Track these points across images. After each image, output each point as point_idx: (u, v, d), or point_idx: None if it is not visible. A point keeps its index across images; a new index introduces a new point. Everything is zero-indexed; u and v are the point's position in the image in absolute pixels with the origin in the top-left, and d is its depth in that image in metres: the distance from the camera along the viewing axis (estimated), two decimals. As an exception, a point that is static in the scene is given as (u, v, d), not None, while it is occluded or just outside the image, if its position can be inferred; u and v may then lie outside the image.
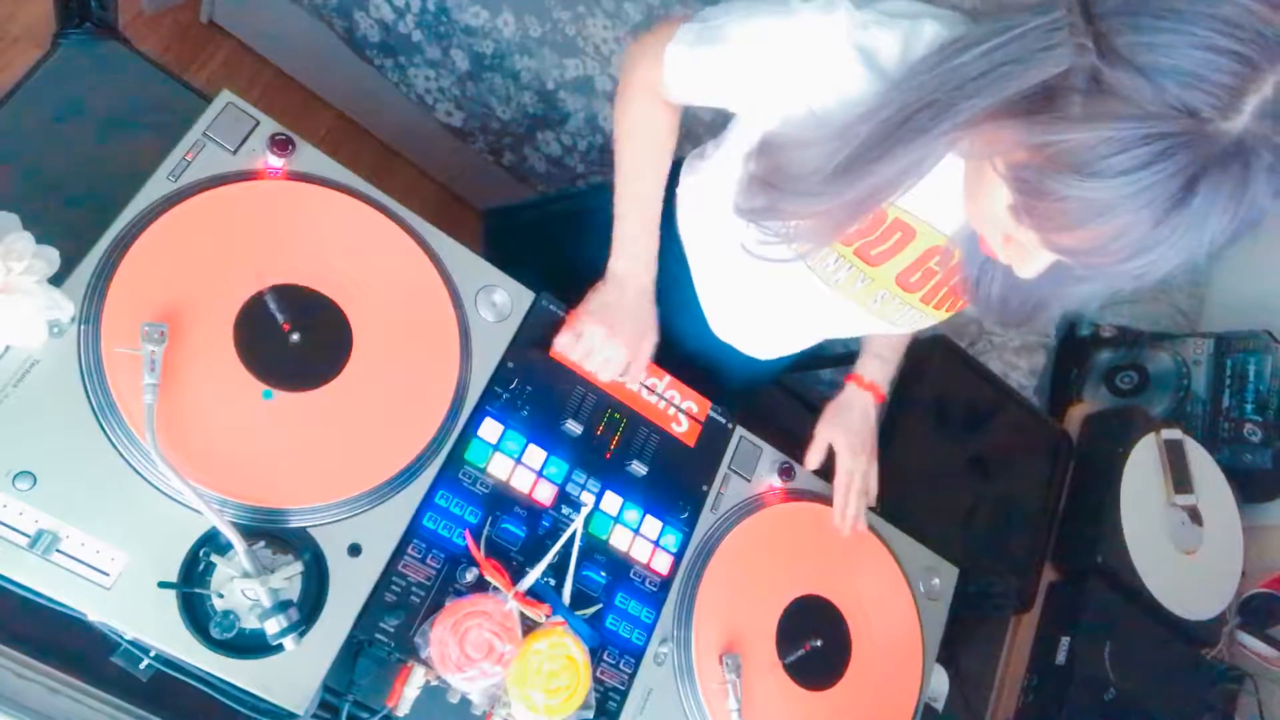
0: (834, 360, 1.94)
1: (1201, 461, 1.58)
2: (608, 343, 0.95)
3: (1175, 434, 1.55)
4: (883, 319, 0.93)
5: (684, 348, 1.11)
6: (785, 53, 0.72)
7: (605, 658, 0.90)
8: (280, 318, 0.83)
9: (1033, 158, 0.56)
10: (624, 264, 0.98)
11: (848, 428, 1.09)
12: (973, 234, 0.74)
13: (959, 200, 0.71)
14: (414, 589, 0.83)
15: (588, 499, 0.94)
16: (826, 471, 1.13)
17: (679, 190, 1.05)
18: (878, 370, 1.12)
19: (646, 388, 1.02)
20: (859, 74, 0.68)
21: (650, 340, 0.99)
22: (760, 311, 1.05)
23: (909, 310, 0.91)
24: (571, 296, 1.00)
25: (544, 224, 1.24)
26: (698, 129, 1.72)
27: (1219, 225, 0.53)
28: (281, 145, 0.88)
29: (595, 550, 0.93)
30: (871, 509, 1.13)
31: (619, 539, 0.95)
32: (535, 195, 1.37)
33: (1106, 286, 0.69)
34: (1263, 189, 0.52)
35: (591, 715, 0.86)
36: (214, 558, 0.74)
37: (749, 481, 1.05)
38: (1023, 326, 0.80)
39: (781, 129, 0.74)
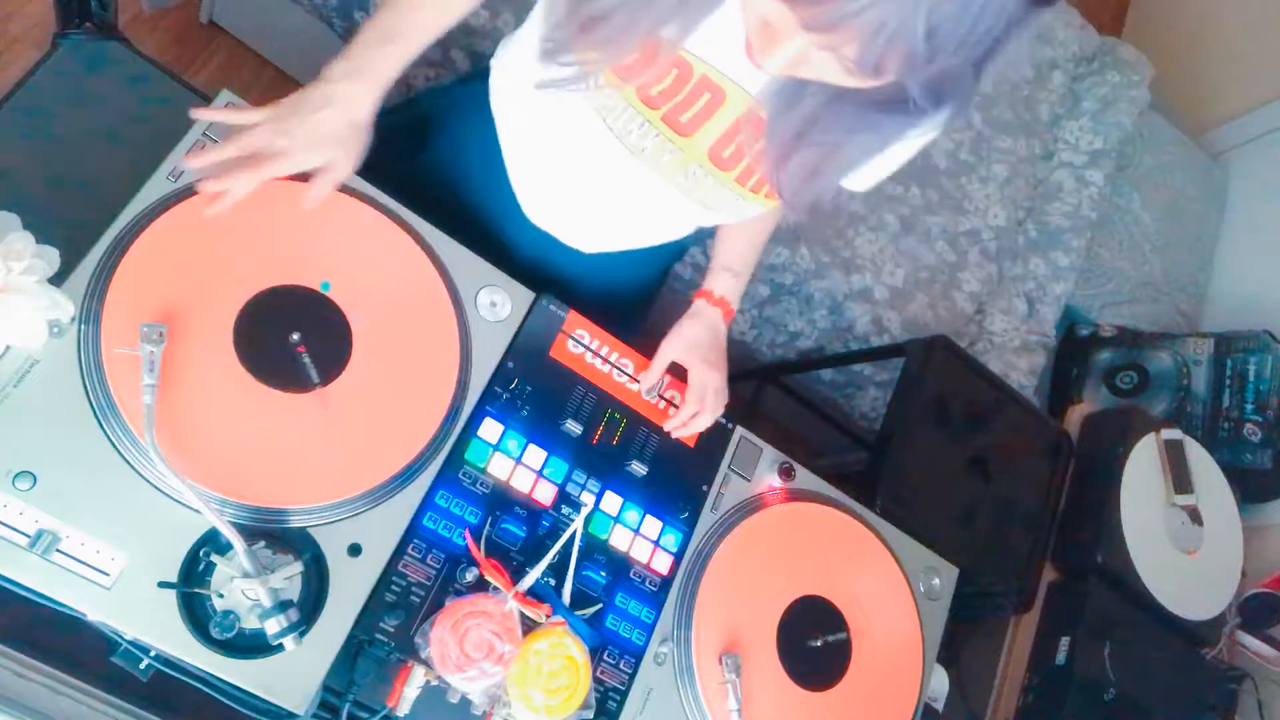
0: (834, 360, 1.95)
1: (1201, 461, 1.58)
2: (273, 144, 0.82)
3: (1175, 434, 1.55)
4: (696, 201, 0.89)
5: (503, 239, 1.08)
6: None
7: (605, 658, 0.90)
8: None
9: None
10: (337, 68, 0.85)
11: (695, 342, 1.04)
12: (779, 89, 0.72)
13: None
14: (414, 589, 0.83)
15: (588, 499, 0.94)
16: (828, 471, 1.13)
17: (493, 66, 1.02)
18: (727, 284, 1.07)
19: (648, 389, 1.02)
20: None
21: (339, 161, 0.86)
22: (573, 188, 1.01)
23: (725, 191, 0.87)
24: (421, 210, 0.94)
25: (387, 136, 1.20)
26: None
27: None
28: (281, 145, 0.88)
29: (595, 550, 0.93)
30: (871, 509, 1.13)
31: (619, 539, 0.95)
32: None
33: (868, 140, 0.68)
34: None
35: (591, 715, 0.86)
36: (214, 558, 0.74)
37: (749, 481, 1.05)
38: (806, 203, 0.75)
39: None
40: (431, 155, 1.09)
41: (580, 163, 0.94)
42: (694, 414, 1.02)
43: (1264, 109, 2.56)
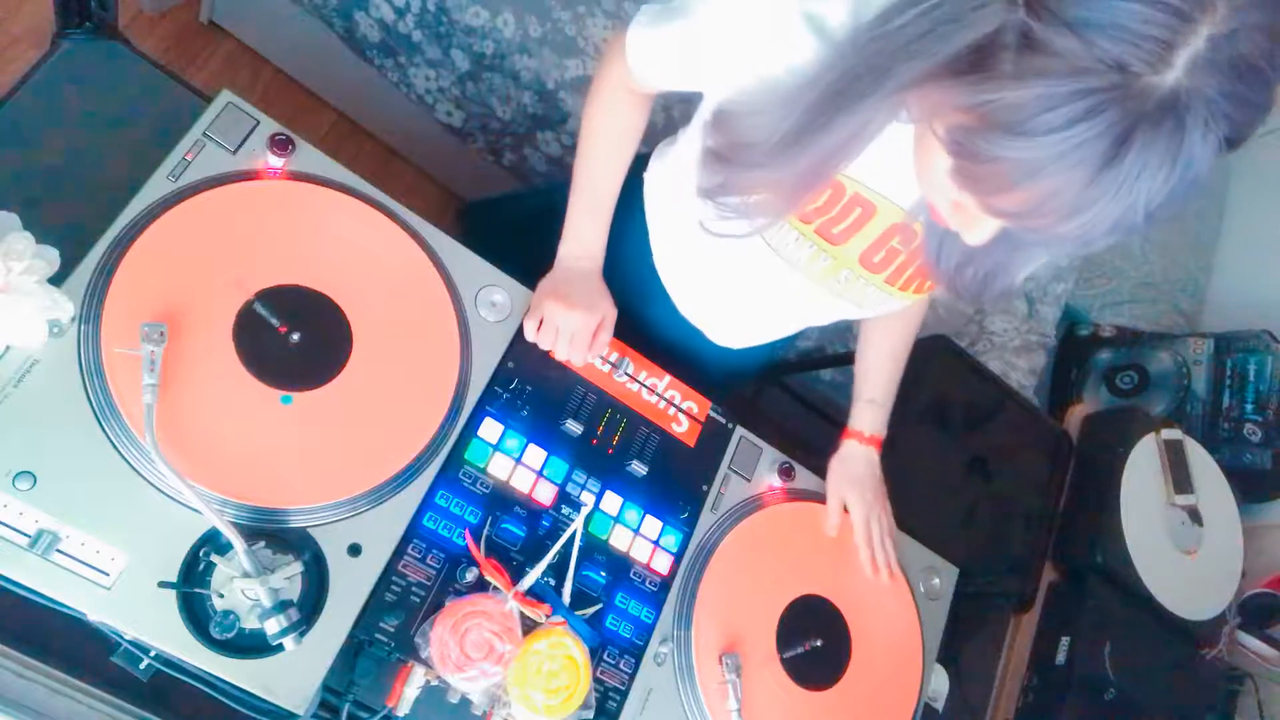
0: (834, 360, 1.94)
1: (1201, 461, 1.58)
2: (567, 315, 0.97)
3: (1175, 434, 1.55)
4: (847, 300, 0.92)
5: (657, 336, 1.11)
6: (737, 21, 0.72)
7: (605, 658, 0.90)
8: (275, 321, 0.83)
9: (967, 119, 0.56)
10: (569, 248, 1.01)
11: (855, 482, 1.09)
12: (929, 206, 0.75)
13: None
14: (414, 589, 0.83)
15: (588, 499, 0.94)
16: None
17: (647, 176, 1.05)
18: (872, 418, 1.12)
19: (646, 387, 1.02)
20: (807, 42, 0.68)
21: (606, 305, 1.01)
22: (725, 296, 1.05)
23: (874, 291, 0.90)
24: None
25: (522, 218, 1.25)
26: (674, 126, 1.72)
27: (1154, 183, 0.52)
28: (281, 145, 0.88)
29: (595, 550, 0.93)
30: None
31: (619, 539, 0.95)
32: (514, 189, 1.38)
33: (1055, 252, 0.70)
34: (1198, 145, 0.51)
35: (591, 715, 0.86)
36: (214, 558, 0.74)
37: (749, 481, 1.05)
38: (983, 299, 0.79)
39: (733, 99, 0.74)
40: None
41: (736, 272, 0.98)
42: (869, 559, 1.07)
43: (1264, 109, 2.56)
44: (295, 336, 0.84)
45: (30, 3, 1.80)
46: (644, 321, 1.09)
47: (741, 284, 0.99)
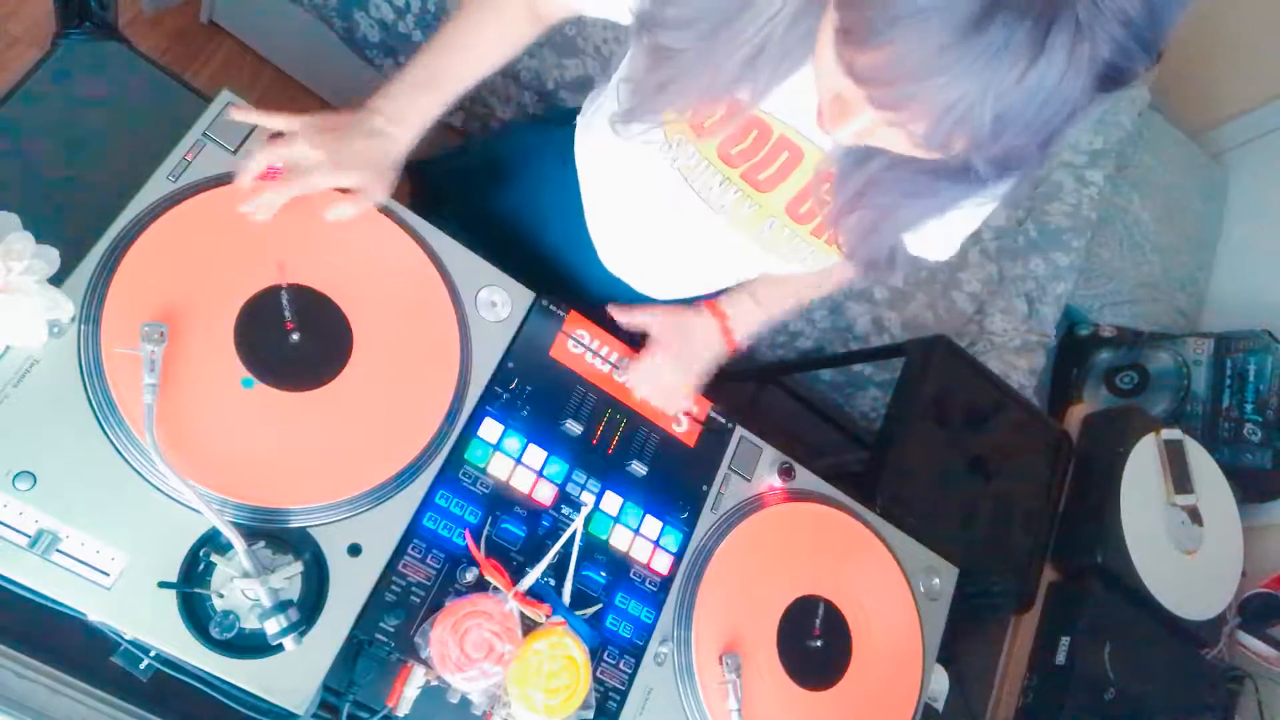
0: (834, 360, 1.95)
1: (1201, 461, 1.58)
2: (307, 157, 0.85)
3: (1175, 434, 1.55)
4: (772, 252, 0.91)
5: (582, 290, 1.09)
6: None
7: (605, 658, 0.90)
8: (287, 316, 0.83)
9: None
10: (380, 102, 0.88)
11: (676, 329, 1.02)
12: (847, 150, 0.74)
13: None
14: (414, 589, 0.83)
15: (588, 499, 0.94)
16: (828, 471, 1.13)
17: (578, 122, 1.03)
18: (739, 306, 1.05)
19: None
20: None
21: (373, 180, 0.88)
22: (651, 240, 1.03)
23: (800, 244, 0.88)
24: (494, 247, 0.97)
25: (463, 174, 1.20)
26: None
27: (1009, 74, 0.50)
28: (281, 145, 0.88)
29: (595, 550, 0.93)
30: (871, 509, 1.13)
31: (619, 539, 0.95)
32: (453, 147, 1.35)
33: (930, 203, 0.70)
34: (1063, 51, 0.49)
35: (591, 715, 0.86)
36: (214, 558, 0.74)
37: (749, 481, 1.05)
38: (858, 253, 0.78)
39: None
40: (508, 195, 1.10)
41: (661, 218, 0.95)
42: (636, 383, 1.00)
43: (1264, 109, 2.56)
44: (295, 336, 0.84)
45: (30, 3, 1.80)
46: (574, 276, 1.07)
47: (667, 230, 0.97)
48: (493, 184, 1.07)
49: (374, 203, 0.89)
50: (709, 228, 0.90)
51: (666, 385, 1.02)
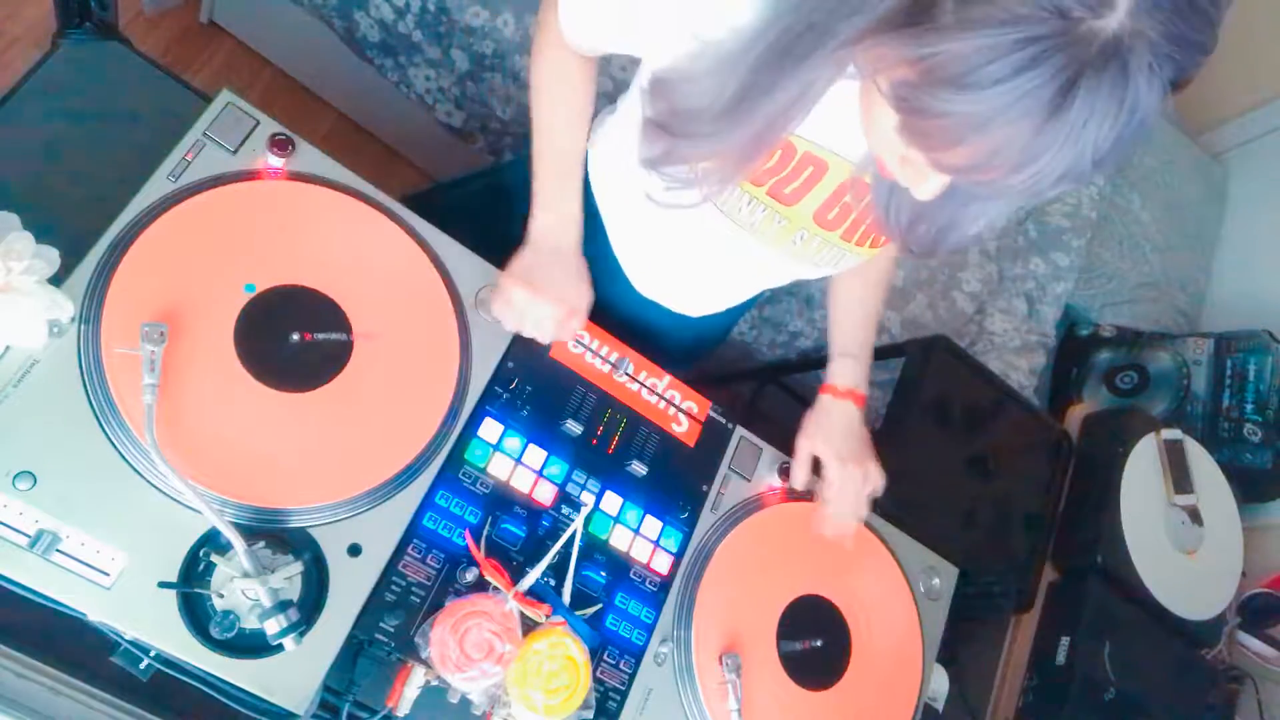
0: (834, 360, 1.94)
1: (1201, 461, 1.58)
2: (534, 303, 0.92)
3: (1175, 434, 1.55)
4: (805, 261, 0.91)
5: (615, 313, 1.09)
6: None
7: (605, 658, 0.90)
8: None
9: (910, 73, 0.55)
10: (543, 220, 0.95)
11: (828, 438, 1.04)
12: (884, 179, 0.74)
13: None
14: (414, 589, 0.83)
15: (588, 499, 0.94)
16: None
17: (589, 148, 1.02)
18: (850, 372, 1.07)
19: (646, 387, 1.02)
20: (745, 1, 0.66)
21: (579, 292, 0.96)
22: (681, 264, 1.03)
23: (831, 249, 0.88)
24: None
25: (468, 203, 1.20)
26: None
27: (1101, 130, 0.51)
28: (281, 145, 0.88)
29: (595, 550, 0.93)
30: (871, 509, 1.12)
31: (619, 539, 0.95)
32: (455, 176, 1.35)
33: (1007, 207, 0.69)
34: (1143, 88, 0.51)
35: (591, 715, 0.86)
36: (214, 558, 0.74)
37: (749, 481, 1.05)
38: (936, 253, 0.78)
39: (671, 66, 0.72)
40: (520, 226, 1.08)
41: (690, 240, 0.96)
42: (833, 511, 1.03)
43: (1264, 109, 2.56)
44: (295, 336, 0.84)
45: (30, 3, 1.80)
46: (602, 298, 1.06)
47: (697, 252, 0.97)
48: (503, 215, 1.05)
49: (586, 307, 0.97)
50: (739, 245, 0.90)
51: (857, 491, 1.04)
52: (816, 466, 1.06)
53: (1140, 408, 1.63)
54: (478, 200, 1.20)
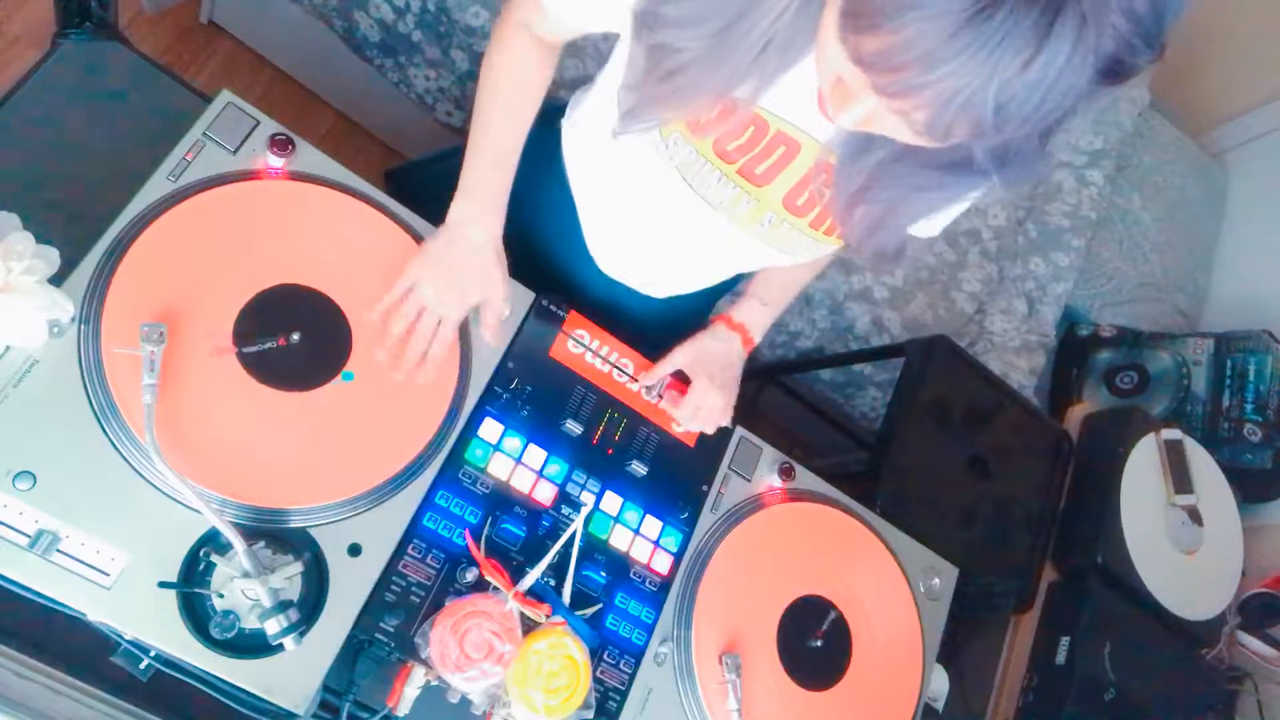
0: (834, 360, 1.94)
1: (1201, 461, 1.58)
2: (436, 297, 0.90)
3: (1175, 434, 1.55)
4: (773, 246, 0.91)
5: (582, 294, 1.09)
6: None
7: (605, 658, 0.90)
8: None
9: None
10: (461, 208, 0.92)
11: (705, 356, 1.03)
12: (847, 140, 0.74)
13: None
14: (414, 589, 0.83)
15: (588, 499, 0.94)
16: (828, 471, 1.13)
17: (564, 124, 1.03)
18: (750, 312, 1.07)
19: (646, 387, 1.02)
20: None
21: (491, 288, 0.93)
22: (648, 242, 1.02)
23: (800, 236, 0.88)
24: None
25: (445, 179, 1.20)
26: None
27: (1013, 63, 0.50)
28: (281, 145, 0.88)
29: (595, 550, 0.93)
30: (871, 509, 1.13)
31: (619, 539, 0.95)
32: (433, 151, 1.34)
33: (936, 198, 0.69)
34: (1067, 41, 0.49)
35: (591, 715, 0.86)
36: (214, 558, 0.74)
37: (749, 481, 1.05)
38: (867, 247, 0.78)
39: None
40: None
41: (659, 217, 0.95)
42: (685, 418, 1.03)
43: (1264, 109, 2.56)
44: (295, 336, 0.84)
45: (30, 3, 1.80)
46: (572, 278, 1.07)
47: (664, 230, 0.97)
48: None
49: (502, 304, 0.94)
50: (708, 225, 0.90)
51: (712, 409, 1.04)
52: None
53: (1140, 408, 1.62)
54: (454, 176, 1.19)
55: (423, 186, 0.99)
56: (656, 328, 1.14)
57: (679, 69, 0.71)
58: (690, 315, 1.20)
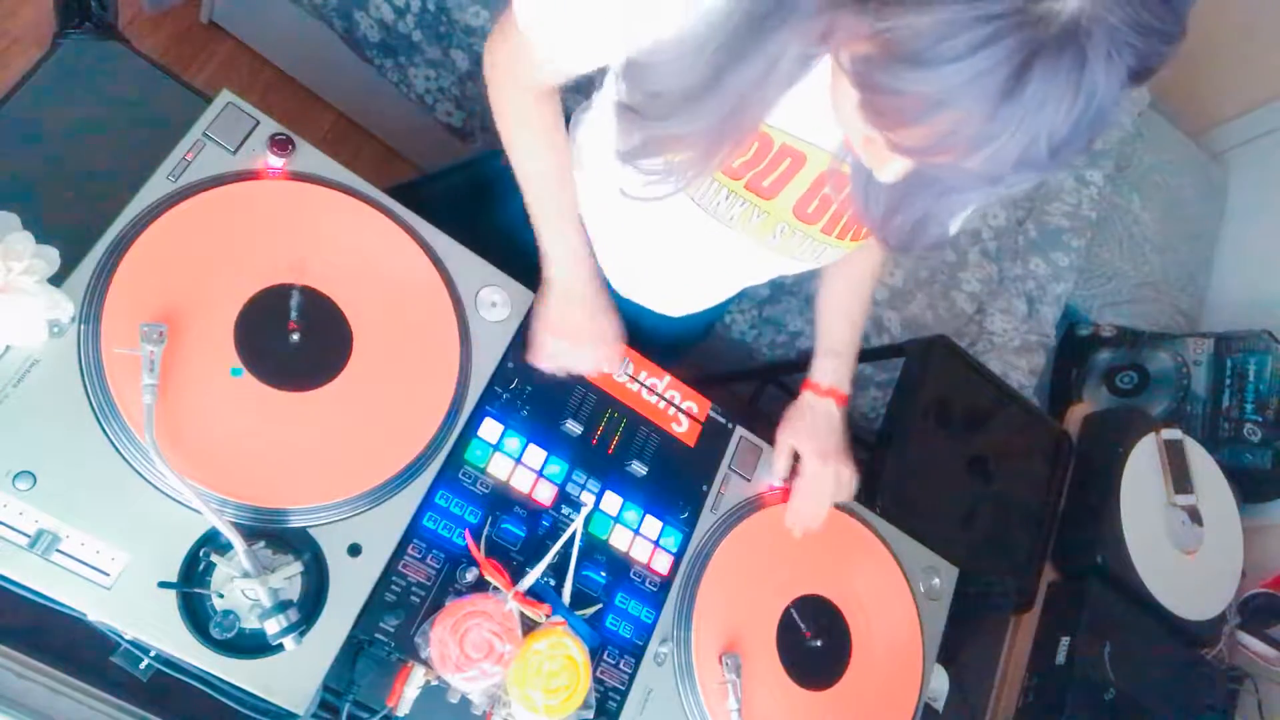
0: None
1: (1201, 461, 1.58)
2: (578, 353, 0.96)
3: (1175, 434, 1.55)
4: (785, 255, 0.91)
5: None
6: None
7: (605, 658, 0.90)
8: (294, 316, 0.84)
9: (870, 48, 0.54)
10: (556, 271, 0.96)
11: (811, 433, 1.04)
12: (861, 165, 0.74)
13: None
14: (414, 589, 0.83)
15: (588, 499, 0.94)
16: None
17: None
18: (834, 370, 1.07)
19: (646, 387, 1.02)
20: None
21: (614, 327, 0.99)
22: (661, 263, 1.03)
23: (811, 243, 0.89)
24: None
25: (452, 194, 1.20)
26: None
27: (1056, 115, 0.51)
28: (281, 145, 0.88)
29: (595, 550, 0.93)
30: (871, 509, 1.13)
31: (619, 539, 0.95)
32: (428, 172, 1.34)
33: (978, 197, 0.69)
34: (1100, 75, 0.50)
35: (591, 715, 0.86)
36: (214, 557, 0.74)
37: (749, 481, 1.05)
38: (914, 247, 0.78)
39: (643, 49, 0.71)
40: (507, 214, 1.07)
41: (671, 240, 0.96)
42: (797, 510, 1.03)
43: (1264, 109, 2.56)
44: (295, 336, 0.84)
45: (30, 3, 1.80)
46: None
47: (677, 251, 0.97)
48: (481, 210, 1.05)
49: (619, 353, 1.00)
50: (719, 241, 0.90)
51: (837, 486, 1.05)
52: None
53: (1140, 408, 1.63)
54: (461, 191, 1.19)
55: (427, 202, 0.99)
56: (664, 342, 1.15)
57: (676, 147, 0.71)
58: (699, 325, 1.20)
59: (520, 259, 0.98)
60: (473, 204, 1.13)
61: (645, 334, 1.12)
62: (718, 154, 0.73)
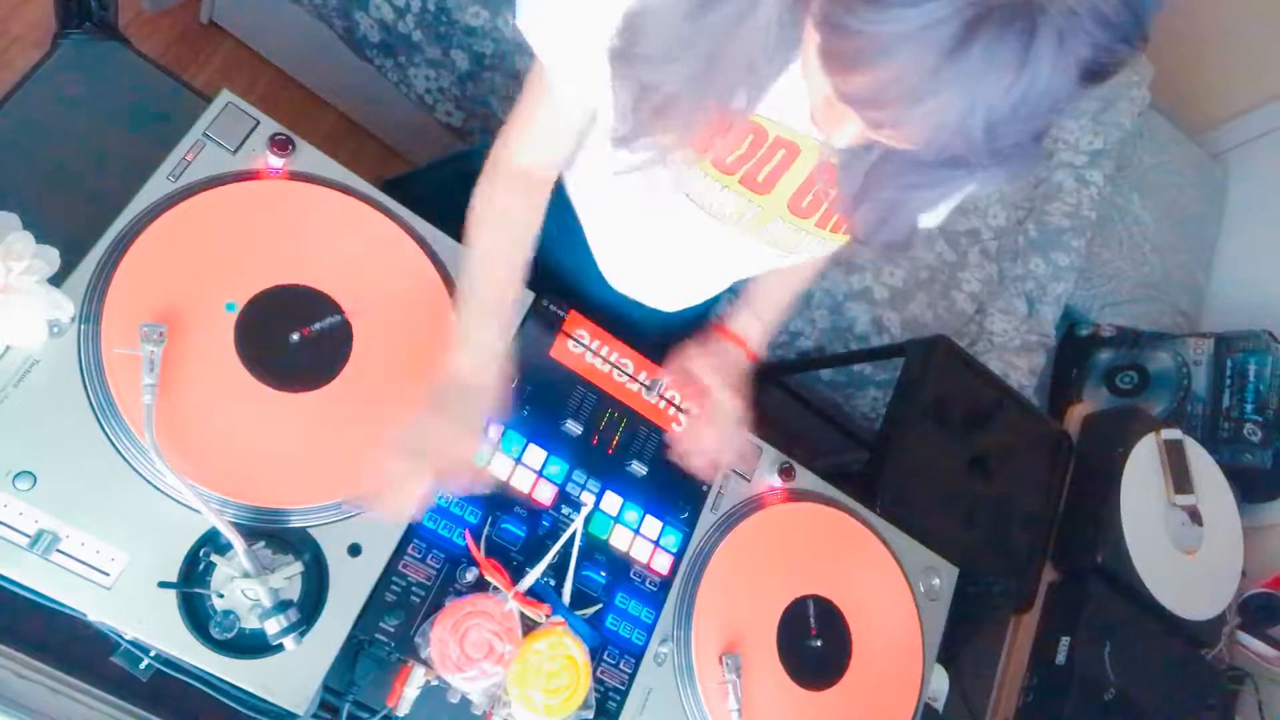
0: (834, 360, 1.95)
1: (1201, 461, 1.58)
2: (452, 446, 0.86)
3: (1175, 434, 1.55)
4: (778, 248, 0.91)
5: (589, 303, 1.09)
6: None
7: (605, 658, 0.90)
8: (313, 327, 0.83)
9: None
10: (468, 360, 0.88)
11: (722, 369, 1.01)
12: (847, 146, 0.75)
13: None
14: (414, 589, 0.83)
15: (588, 499, 0.94)
16: (828, 471, 1.13)
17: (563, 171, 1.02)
18: (749, 326, 1.07)
19: (646, 387, 1.02)
20: None
21: (472, 439, 0.88)
22: (658, 260, 1.03)
23: (805, 237, 0.89)
24: None
25: (440, 188, 1.20)
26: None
27: (997, 88, 0.51)
28: (281, 145, 0.88)
29: (595, 550, 0.93)
30: (871, 509, 1.13)
31: (619, 539, 0.95)
32: (425, 163, 1.35)
33: (939, 191, 0.70)
34: (1047, 57, 0.50)
35: (591, 715, 0.86)
36: (214, 558, 0.74)
37: (749, 481, 1.05)
38: (878, 240, 0.78)
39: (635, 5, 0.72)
40: None
41: (667, 236, 0.95)
42: (707, 435, 1.01)
43: (1264, 109, 2.56)
44: (295, 336, 0.84)
45: (30, 3, 1.80)
46: (579, 296, 1.06)
47: (672, 247, 0.97)
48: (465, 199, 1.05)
49: (471, 452, 0.89)
50: (714, 236, 0.90)
51: (732, 426, 1.02)
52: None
53: (1140, 408, 1.63)
54: (453, 184, 1.19)
55: (420, 196, 0.99)
56: (659, 333, 1.14)
57: (666, 105, 0.71)
58: (694, 319, 1.20)
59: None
60: (466, 197, 1.13)
61: (638, 328, 1.12)
62: (701, 121, 0.73)
